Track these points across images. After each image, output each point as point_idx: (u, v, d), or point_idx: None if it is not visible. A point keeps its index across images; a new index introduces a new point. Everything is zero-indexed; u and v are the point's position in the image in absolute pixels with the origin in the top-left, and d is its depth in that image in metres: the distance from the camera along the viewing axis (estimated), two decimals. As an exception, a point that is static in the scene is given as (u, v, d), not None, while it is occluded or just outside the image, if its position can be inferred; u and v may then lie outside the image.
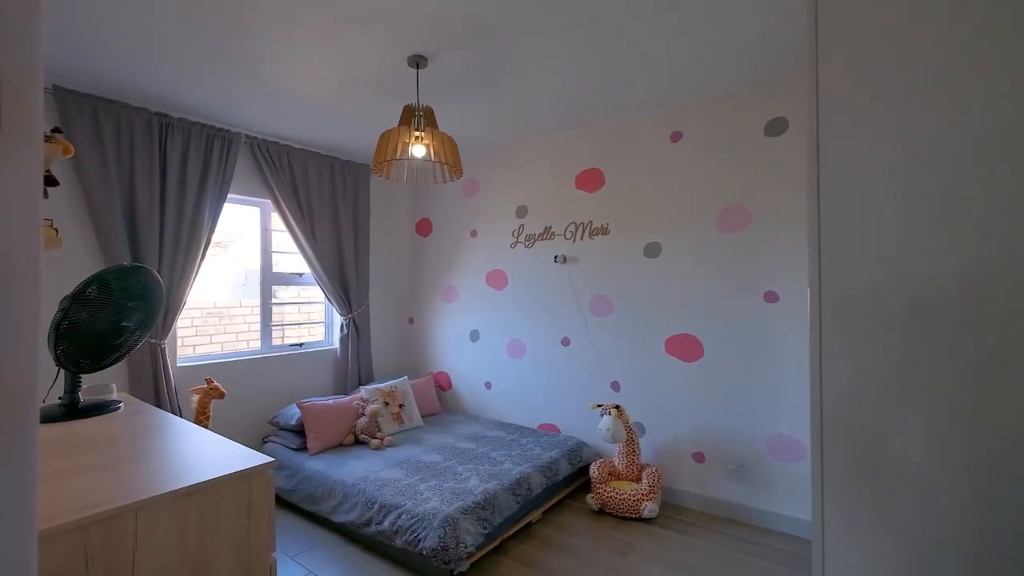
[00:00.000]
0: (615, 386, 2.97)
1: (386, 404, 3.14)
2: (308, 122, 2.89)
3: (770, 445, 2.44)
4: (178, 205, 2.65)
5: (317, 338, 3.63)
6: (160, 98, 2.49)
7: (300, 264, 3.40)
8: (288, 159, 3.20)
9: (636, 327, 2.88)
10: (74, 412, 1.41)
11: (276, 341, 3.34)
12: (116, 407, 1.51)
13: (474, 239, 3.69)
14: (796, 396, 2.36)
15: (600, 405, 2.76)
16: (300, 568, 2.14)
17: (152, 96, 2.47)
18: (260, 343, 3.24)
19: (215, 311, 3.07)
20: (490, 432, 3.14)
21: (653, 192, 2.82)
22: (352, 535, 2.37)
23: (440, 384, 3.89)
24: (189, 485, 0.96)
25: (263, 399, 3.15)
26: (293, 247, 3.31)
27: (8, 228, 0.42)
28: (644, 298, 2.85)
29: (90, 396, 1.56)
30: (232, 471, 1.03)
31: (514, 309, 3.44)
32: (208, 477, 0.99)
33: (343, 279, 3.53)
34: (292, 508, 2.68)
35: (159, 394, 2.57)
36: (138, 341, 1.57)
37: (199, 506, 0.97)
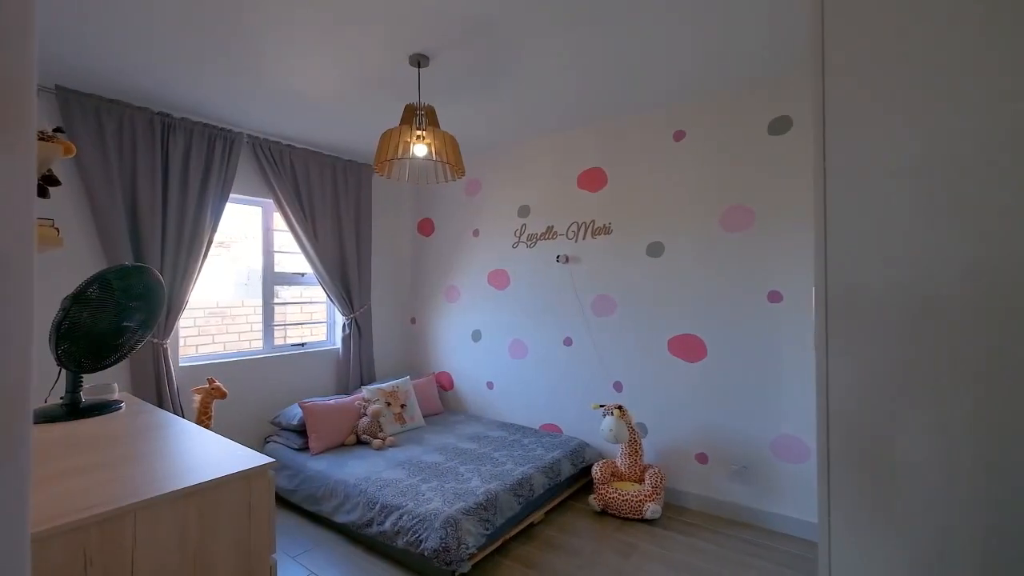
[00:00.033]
0: (617, 386, 2.96)
1: (388, 404, 3.14)
2: (310, 122, 2.89)
3: (774, 446, 2.43)
4: (180, 205, 2.65)
5: (319, 338, 3.63)
6: (162, 98, 2.50)
7: (302, 264, 3.40)
8: (290, 159, 3.20)
9: (639, 327, 2.87)
10: (75, 412, 1.41)
11: (278, 341, 3.34)
12: (117, 407, 1.51)
13: (476, 239, 3.68)
14: (800, 397, 2.35)
15: (602, 405, 2.75)
16: (301, 569, 2.14)
17: (154, 96, 2.47)
18: (262, 343, 3.24)
19: (217, 311, 3.08)
20: (492, 432, 3.13)
21: (656, 191, 2.81)
22: (354, 536, 2.37)
23: (442, 384, 3.89)
24: (189, 486, 0.95)
25: (265, 399, 3.15)
26: (295, 247, 3.31)
27: (1, 228, 0.42)
28: (647, 298, 2.84)
29: (92, 396, 1.56)
30: (232, 472, 1.02)
31: (516, 309, 3.43)
32: (208, 478, 0.99)
33: (345, 279, 3.53)
34: (294, 508, 2.68)
35: (161, 394, 2.57)
36: (140, 341, 1.57)
37: (199, 507, 0.97)
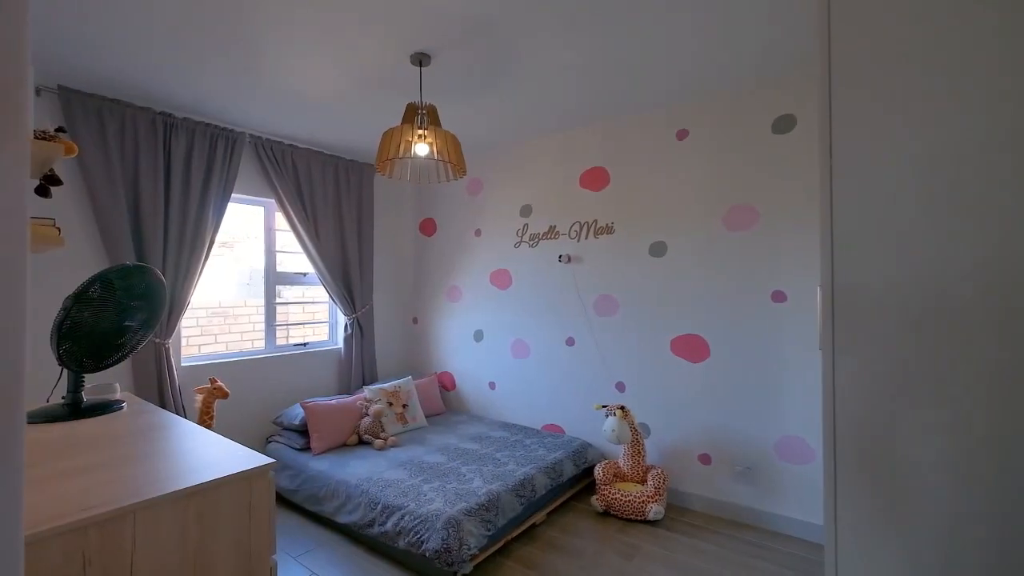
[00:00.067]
0: (620, 387, 2.95)
1: (390, 404, 3.14)
2: (311, 121, 2.89)
3: (778, 447, 2.41)
4: (182, 204, 2.65)
5: (321, 338, 3.63)
6: (164, 98, 2.50)
7: (304, 264, 3.40)
8: (292, 158, 3.20)
9: (641, 327, 2.85)
10: (77, 412, 1.41)
11: (280, 341, 3.34)
12: (119, 407, 1.51)
13: (478, 238, 3.67)
14: (804, 397, 2.33)
15: (605, 406, 2.74)
16: (303, 569, 2.13)
17: (156, 96, 2.47)
18: (264, 343, 3.24)
19: (220, 311, 3.08)
20: (494, 433, 3.12)
21: (659, 191, 2.79)
22: (355, 536, 2.36)
23: (444, 384, 3.88)
24: (189, 486, 0.95)
25: (267, 399, 3.15)
26: (297, 247, 3.30)
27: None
28: (649, 298, 2.82)
29: (93, 396, 1.56)
30: (232, 472, 1.02)
31: (518, 309, 3.42)
32: (208, 478, 0.98)
33: (347, 279, 3.53)
34: (295, 508, 2.67)
35: (163, 394, 2.57)
36: (141, 341, 1.57)
37: (199, 508, 0.96)
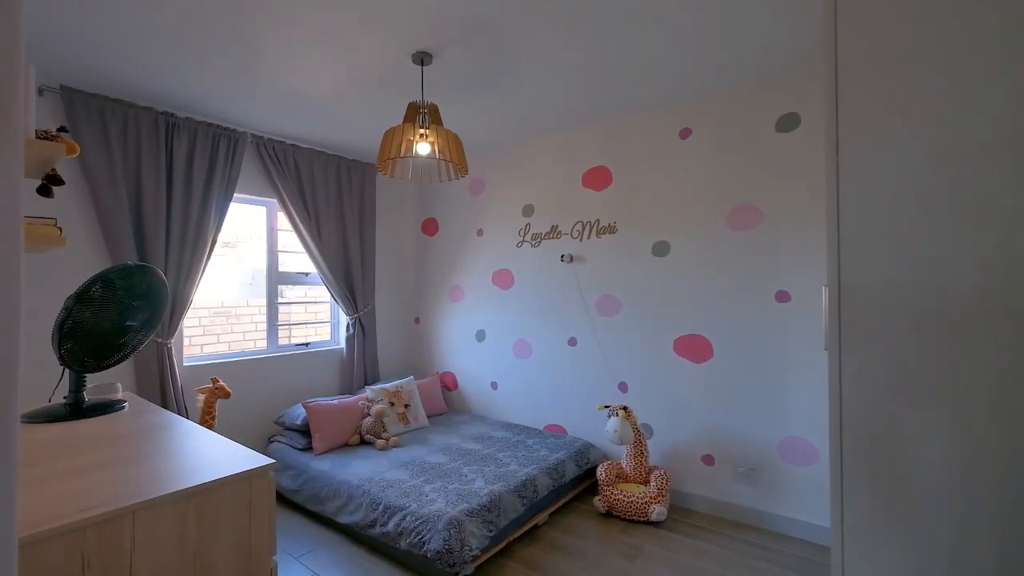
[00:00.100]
0: (622, 387, 2.93)
1: (392, 404, 3.13)
2: (313, 121, 2.89)
3: (781, 448, 2.39)
4: (184, 204, 2.66)
5: (323, 338, 3.63)
6: (166, 97, 2.50)
7: (306, 263, 3.40)
8: (294, 158, 3.20)
9: (644, 327, 2.84)
10: (78, 412, 1.41)
11: (282, 340, 3.34)
12: (120, 407, 1.51)
13: (480, 238, 3.67)
14: (808, 398, 2.31)
15: (607, 406, 2.73)
16: (304, 569, 2.13)
17: (158, 95, 2.47)
18: (266, 342, 3.24)
19: (222, 310, 3.08)
20: (496, 433, 3.11)
21: (661, 190, 2.78)
22: (357, 536, 2.36)
23: (446, 384, 3.88)
24: (188, 487, 0.94)
25: (269, 399, 3.15)
26: (299, 246, 3.31)
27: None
28: (652, 298, 2.81)
29: (95, 395, 1.56)
30: (232, 473, 1.01)
31: (520, 309, 3.42)
32: (208, 479, 0.98)
33: (349, 279, 3.53)
34: (297, 508, 2.67)
35: (165, 394, 2.57)
36: (142, 341, 1.57)
37: (199, 508, 0.96)
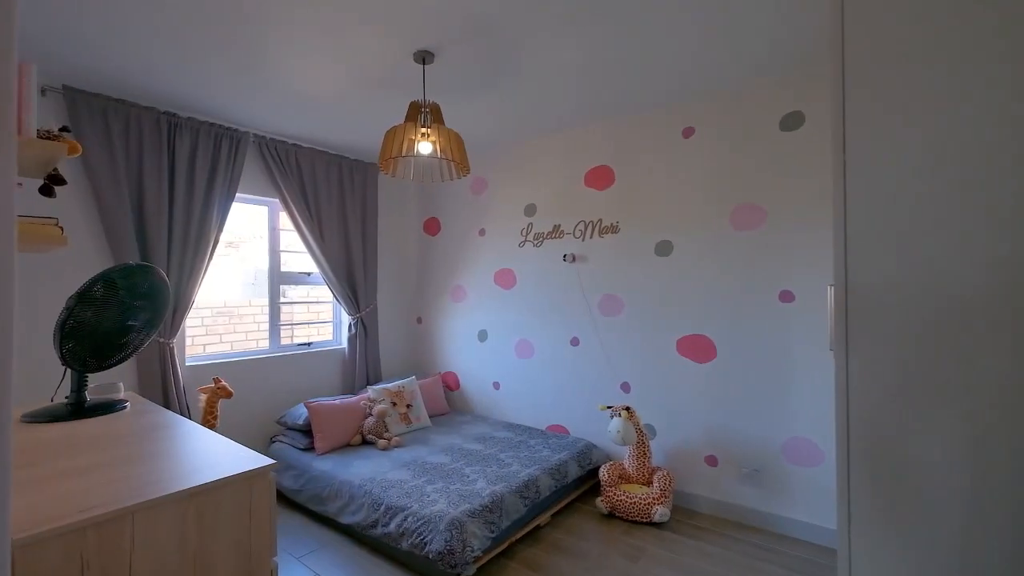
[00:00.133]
0: (625, 387, 2.92)
1: (394, 404, 3.13)
2: (315, 120, 2.89)
3: (785, 449, 2.38)
4: (186, 204, 2.66)
5: (325, 337, 3.63)
6: (168, 97, 2.50)
7: (308, 263, 3.40)
8: (296, 158, 3.20)
9: (647, 327, 2.83)
10: (80, 411, 1.40)
11: (285, 340, 3.34)
12: (122, 407, 1.50)
13: (482, 238, 3.66)
14: (812, 398, 2.30)
15: (610, 407, 2.72)
16: (306, 570, 2.12)
17: (160, 95, 2.47)
18: (268, 342, 3.24)
19: (225, 310, 3.08)
20: (498, 433, 3.10)
21: (664, 189, 2.77)
22: (359, 537, 2.35)
23: (448, 384, 3.87)
24: (188, 487, 0.94)
25: (271, 398, 3.15)
26: (301, 246, 3.30)
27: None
28: (655, 298, 2.80)
29: (97, 395, 1.56)
30: (233, 473, 1.00)
31: (523, 309, 3.41)
32: (208, 479, 0.97)
33: (351, 278, 3.53)
34: (299, 508, 2.67)
35: (167, 393, 2.57)
36: (144, 340, 1.57)
37: (199, 508, 0.95)
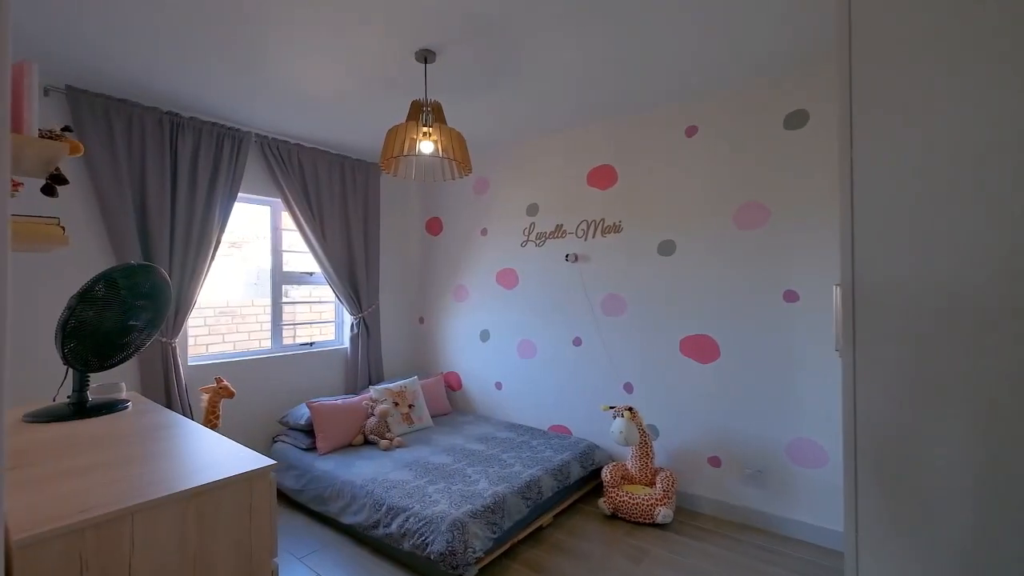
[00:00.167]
0: (628, 387, 2.91)
1: (396, 404, 3.12)
2: (317, 120, 2.88)
3: (789, 450, 2.36)
4: (189, 204, 2.66)
5: (327, 337, 3.63)
6: (170, 97, 2.50)
7: (311, 263, 3.40)
8: (298, 158, 3.20)
9: (650, 327, 2.82)
10: (82, 411, 1.40)
11: (287, 340, 3.34)
12: (124, 406, 1.50)
13: (484, 238, 3.65)
14: (817, 399, 2.28)
15: (612, 407, 2.70)
16: (307, 570, 2.12)
17: (162, 95, 2.48)
18: (270, 342, 3.24)
19: (227, 310, 3.08)
20: (500, 433, 3.10)
21: (667, 188, 2.75)
22: (360, 537, 2.35)
23: (450, 384, 3.87)
24: (188, 488, 0.93)
25: (273, 398, 3.15)
26: (303, 246, 3.30)
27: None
28: (658, 297, 2.78)
29: (99, 395, 1.56)
30: (233, 473, 1.00)
31: (525, 309, 3.40)
32: (209, 479, 0.97)
33: (353, 278, 3.52)
34: (301, 508, 2.67)
35: (170, 393, 2.57)
36: (146, 340, 1.56)
37: (199, 509, 0.94)
